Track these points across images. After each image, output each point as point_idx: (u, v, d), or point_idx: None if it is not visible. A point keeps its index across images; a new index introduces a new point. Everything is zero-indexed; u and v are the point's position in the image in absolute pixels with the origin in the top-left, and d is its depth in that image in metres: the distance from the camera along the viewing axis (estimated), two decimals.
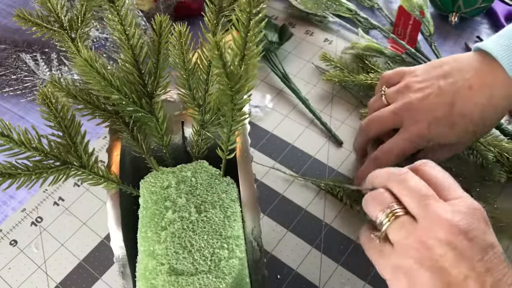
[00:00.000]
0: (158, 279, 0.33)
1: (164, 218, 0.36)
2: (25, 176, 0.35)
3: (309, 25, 0.76)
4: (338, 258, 0.53)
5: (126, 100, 0.37)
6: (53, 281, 0.53)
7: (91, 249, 0.55)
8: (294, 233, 0.55)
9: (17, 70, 0.72)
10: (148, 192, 0.38)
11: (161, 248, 0.34)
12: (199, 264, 0.34)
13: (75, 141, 0.36)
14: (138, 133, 0.40)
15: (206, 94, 0.40)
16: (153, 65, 0.39)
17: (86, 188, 0.60)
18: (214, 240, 0.35)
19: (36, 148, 0.35)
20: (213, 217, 0.36)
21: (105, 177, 0.38)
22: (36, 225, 0.57)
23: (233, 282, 0.34)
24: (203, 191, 0.38)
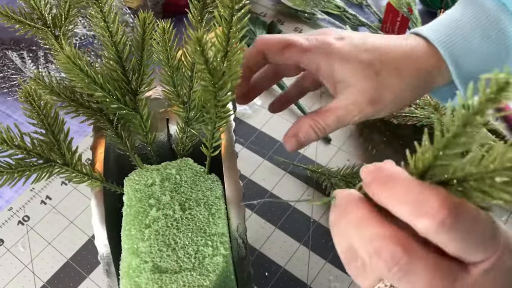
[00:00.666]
0: (142, 277, 0.33)
1: (148, 216, 0.36)
2: (8, 174, 0.35)
3: (298, 22, 0.76)
4: (326, 254, 0.53)
5: (110, 97, 0.37)
6: (40, 280, 0.53)
7: (78, 248, 0.55)
8: (282, 230, 0.55)
9: (3, 68, 0.71)
10: (132, 190, 0.38)
11: (145, 246, 0.34)
12: (183, 262, 0.34)
13: (58, 139, 0.36)
14: (123, 131, 0.40)
15: (190, 91, 0.39)
16: (137, 62, 0.39)
17: (73, 187, 0.60)
18: (199, 238, 0.35)
19: (19, 146, 0.35)
20: (197, 214, 0.36)
21: (89, 175, 0.38)
22: (23, 224, 0.57)
23: (218, 279, 0.34)
24: (188, 189, 0.38)
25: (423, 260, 0.24)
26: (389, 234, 0.24)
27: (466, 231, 0.23)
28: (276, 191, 0.58)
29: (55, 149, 0.36)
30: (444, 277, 0.24)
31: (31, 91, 0.35)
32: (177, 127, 0.41)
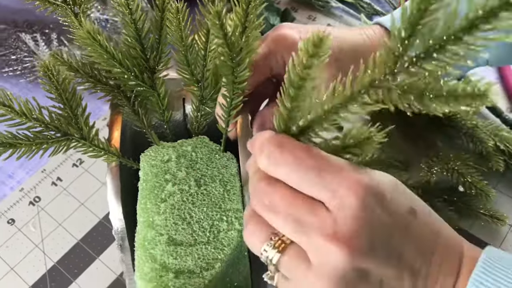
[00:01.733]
0: (157, 249, 0.33)
1: (164, 191, 0.36)
2: (26, 146, 0.35)
3: (312, 10, 0.76)
4: None
5: (128, 74, 0.38)
6: (50, 260, 0.53)
7: (89, 229, 0.55)
8: None
9: (16, 51, 0.72)
10: (149, 165, 0.38)
11: (161, 219, 0.35)
12: (198, 235, 0.34)
13: (76, 114, 0.36)
14: (140, 108, 0.40)
15: (204, 69, 0.40)
16: (156, 40, 0.39)
17: (84, 169, 0.60)
18: (214, 213, 0.35)
19: (37, 118, 0.35)
20: (212, 190, 0.36)
21: (105, 150, 0.38)
22: (34, 205, 0.57)
23: (232, 253, 0.34)
24: (203, 165, 0.38)
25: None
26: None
27: (295, 163, 0.27)
28: None
29: (73, 123, 0.36)
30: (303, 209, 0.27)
31: (50, 66, 0.35)
32: (192, 106, 0.41)
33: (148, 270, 0.33)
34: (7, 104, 0.35)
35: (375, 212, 0.27)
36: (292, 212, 0.27)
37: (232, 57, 0.31)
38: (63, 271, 0.52)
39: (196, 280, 0.33)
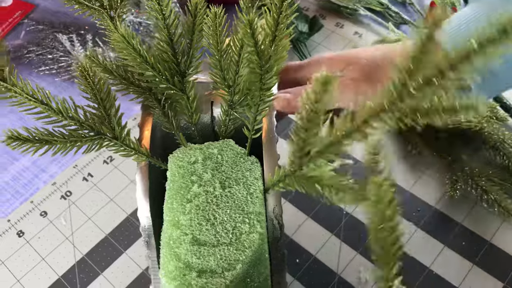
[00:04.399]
0: (181, 248, 0.35)
1: (189, 191, 0.37)
2: (61, 143, 0.37)
3: (340, 18, 0.77)
4: (357, 246, 0.54)
5: (160, 77, 0.39)
6: (79, 253, 0.55)
7: (117, 224, 0.57)
8: (315, 220, 0.56)
9: (53, 50, 0.74)
10: (176, 166, 0.39)
11: (186, 219, 0.36)
12: (221, 236, 0.35)
13: (109, 114, 0.38)
14: (169, 110, 0.41)
15: (236, 76, 0.40)
16: (187, 45, 0.40)
17: (114, 166, 0.62)
18: (237, 215, 0.36)
19: (73, 117, 0.37)
20: (236, 193, 0.37)
21: (136, 150, 0.40)
22: (65, 199, 0.59)
23: (253, 255, 0.35)
24: (228, 168, 0.39)
25: None
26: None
27: None
28: None
29: (106, 123, 0.38)
30: None
31: (87, 67, 0.36)
32: (221, 110, 0.42)
33: (172, 268, 0.34)
34: (45, 102, 0.36)
35: None
36: None
37: (261, 64, 0.33)
38: (91, 264, 0.54)
39: (218, 280, 0.34)
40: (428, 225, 0.55)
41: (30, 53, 0.75)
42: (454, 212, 0.56)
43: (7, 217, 0.58)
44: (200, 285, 0.33)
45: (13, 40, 0.78)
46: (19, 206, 0.59)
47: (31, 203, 0.59)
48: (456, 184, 0.56)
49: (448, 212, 0.56)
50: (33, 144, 0.36)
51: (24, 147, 0.36)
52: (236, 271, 0.34)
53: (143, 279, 0.53)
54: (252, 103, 0.37)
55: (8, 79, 0.37)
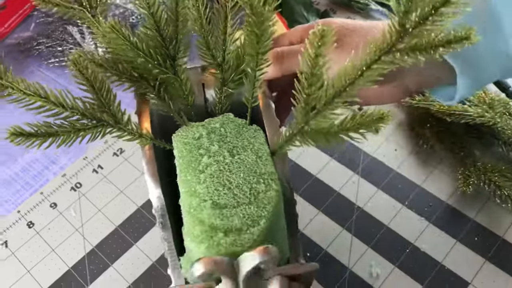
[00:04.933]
0: (203, 213, 0.35)
1: (200, 163, 0.38)
2: (64, 134, 0.37)
3: (350, 12, 0.76)
4: (368, 241, 0.54)
5: (152, 62, 0.40)
6: (89, 244, 0.55)
7: (127, 216, 0.57)
8: (326, 214, 0.56)
9: (63, 42, 0.74)
10: (182, 144, 0.40)
11: (202, 188, 0.37)
12: (239, 198, 0.36)
13: (108, 102, 0.38)
14: (165, 94, 0.42)
15: (225, 53, 0.42)
16: (173, 30, 0.41)
17: (124, 158, 0.62)
18: (250, 177, 0.37)
19: (73, 108, 0.37)
20: (246, 158, 0.39)
21: (138, 133, 0.40)
22: (75, 190, 0.59)
23: (273, 211, 0.36)
24: (233, 138, 0.40)
25: None
26: None
27: None
28: (321, 176, 0.59)
29: (106, 110, 0.39)
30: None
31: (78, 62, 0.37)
32: (215, 89, 0.44)
33: (198, 232, 0.34)
34: (43, 96, 0.36)
35: None
36: None
37: (258, 26, 0.34)
38: (101, 255, 0.54)
39: (245, 236, 0.34)
40: (440, 220, 0.55)
41: (40, 45, 0.75)
42: (467, 207, 0.56)
43: (17, 208, 0.58)
44: (228, 243, 0.34)
45: (22, 32, 0.78)
46: (29, 197, 0.59)
47: (41, 194, 0.59)
48: (468, 179, 0.56)
49: (460, 208, 0.56)
50: (36, 138, 0.37)
51: (28, 142, 0.37)
52: (261, 226, 0.35)
53: (153, 271, 0.53)
54: (250, 70, 0.38)
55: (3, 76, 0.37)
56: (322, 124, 0.34)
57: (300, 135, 0.36)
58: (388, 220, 0.55)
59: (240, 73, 0.43)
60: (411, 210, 0.56)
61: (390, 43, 0.30)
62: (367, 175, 0.59)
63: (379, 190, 0.57)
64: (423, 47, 0.29)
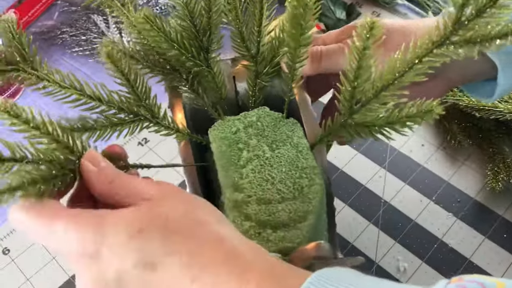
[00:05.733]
0: (249, 208, 0.35)
1: (241, 158, 0.38)
2: (102, 129, 0.37)
3: (376, 6, 0.76)
4: (395, 235, 0.53)
5: (186, 54, 0.39)
6: None
7: None
8: (352, 208, 0.55)
9: (87, 32, 0.74)
10: (219, 138, 0.39)
11: (245, 183, 0.36)
12: (283, 193, 0.36)
13: (144, 95, 0.37)
14: (199, 87, 0.41)
15: (259, 44, 0.41)
16: (207, 20, 0.40)
17: (149, 148, 0.62)
18: (293, 172, 0.37)
19: (109, 101, 0.36)
20: (286, 152, 0.38)
21: (176, 128, 0.40)
22: None
23: (318, 205, 0.36)
24: (271, 132, 0.39)
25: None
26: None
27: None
28: (347, 169, 0.58)
29: (143, 104, 0.37)
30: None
31: (111, 54, 0.35)
32: (248, 82, 0.43)
33: (247, 228, 0.34)
34: (79, 89, 0.35)
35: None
36: None
37: (303, 17, 0.33)
38: None
39: (294, 232, 0.34)
40: (468, 217, 0.54)
41: (63, 34, 0.75)
42: (495, 204, 0.55)
43: None
44: (278, 239, 0.34)
45: (46, 21, 0.78)
46: None
47: None
48: (498, 176, 0.55)
49: (488, 204, 0.55)
50: (74, 132, 0.35)
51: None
52: (308, 222, 0.35)
53: None
54: (290, 59, 0.37)
55: (38, 67, 0.36)
56: (367, 117, 0.33)
57: (343, 128, 0.36)
58: (415, 215, 0.55)
59: (275, 65, 0.42)
60: (438, 206, 0.55)
61: (444, 36, 0.30)
62: (394, 169, 0.58)
63: (406, 185, 0.57)
64: (478, 39, 0.29)
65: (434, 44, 0.30)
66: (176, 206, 0.28)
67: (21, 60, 0.35)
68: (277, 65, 0.42)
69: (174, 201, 0.28)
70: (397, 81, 0.32)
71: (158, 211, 0.27)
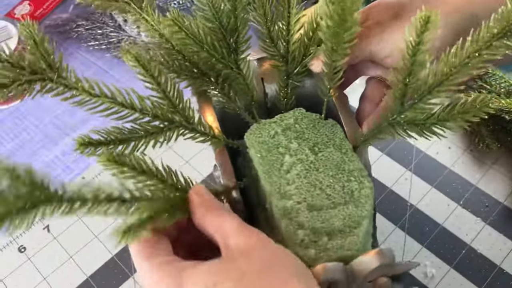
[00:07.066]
0: (301, 216, 0.33)
1: (284, 163, 0.36)
2: (137, 140, 0.34)
3: None
4: (422, 240, 0.52)
5: (217, 56, 0.38)
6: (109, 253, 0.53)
7: None
8: (378, 212, 0.54)
9: (103, 25, 0.73)
10: (258, 143, 0.38)
11: (292, 189, 0.35)
12: (334, 198, 0.34)
13: (177, 100, 0.35)
14: (229, 90, 0.40)
15: (288, 43, 0.40)
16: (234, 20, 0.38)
17: (169, 146, 0.60)
18: (340, 175, 0.35)
19: (143, 109, 0.34)
20: (330, 155, 0.36)
21: (211, 134, 0.38)
22: None
23: (370, 209, 0.34)
24: (311, 135, 0.38)
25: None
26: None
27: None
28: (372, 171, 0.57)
29: (179, 110, 0.36)
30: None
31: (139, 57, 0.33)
32: (279, 82, 0.41)
33: (302, 237, 0.32)
34: (110, 96, 0.33)
35: None
36: None
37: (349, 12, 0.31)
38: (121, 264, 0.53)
39: (351, 238, 0.33)
40: (497, 222, 0.53)
41: (79, 27, 0.74)
42: None
43: None
44: (336, 248, 0.32)
45: (61, 14, 0.76)
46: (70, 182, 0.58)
47: (83, 178, 0.58)
48: None
49: None
50: (107, 146, 0.33)
51: (99, 150, 0.33)
52: (363, 227, 0.33)
53: None
54: (331, 54, 0.35)
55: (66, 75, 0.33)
56: (417, 115, 0.32)
57: (392, 127, 0.34)
58: (442, 219, 0.53)
59: (306, 65, 0.41)
60: (466, 210, 0.54)
61: (505, 27, 0.28)
62: (420, 172, 0.57)
63: (432, 188, 0.55)
64: None
65: (495, 37, 0.29)
66: (255, 262, 0.28)
67: (46, 68, 0.33)
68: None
69: (254, 256, 0.29)
70: (452, 77, 0.30)
71: (236, 266, 0.28)
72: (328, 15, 0.32)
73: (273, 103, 0.44)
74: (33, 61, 0.33)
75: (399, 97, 0.32)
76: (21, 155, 0.61)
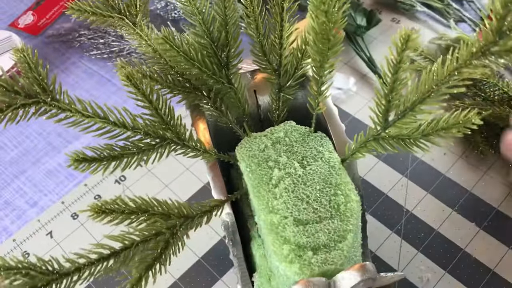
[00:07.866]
0: (287, 231, 0.34)
1: (272, 177, 0.37)
2: (129, 156, 0.36)
3: (396, 13, 0.75)
4: (418, 245, 0.53)
5: (207, 72, 0.38)
6: None
7: None
8: (374, 217, 0.55)
9: (105, 35, 0.74)
10: (248, 157, 0.38)
11: (280, 203, 0.35)
12: (320, 212, 0.35)
13: (169, 117, 0.36)
14: (221, 104, 0.40)
15: (281, 57, 0.41)
16: (225, 35, 0.39)
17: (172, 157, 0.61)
18: (327, 189, 0.36)
19: (134, 127, 0.35)
20: (318, 169, 0.37)
21: (203, 149, 0.39)
22: (119, 183, 0.59)
23: (356, 223, 0.35)
24: (300, 148, 0.39)
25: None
26: None
27: None
28: (368, 177, 0.58)
29: (170, 127, 0.37)
30: None
31: (131, 75, 0.34)
32: (271, 95, 0.42)
33: (286, 252, 0.33)
34: (103, 117, 0.35)
35: None
36: None
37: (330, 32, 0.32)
38: None
39: (335, 253, 0.33)
40: (491, 227, 0.54)
41: (81, 37, 0.75)
42: None
43: (61, 198, 0.58)
44: (320, 262, 0.33)
45: (64, 23, 0.78)
46: (73, 188, 0.59)
47: (85, 186, 0.59)
48: None
49: None
50: (100, 163, 0.35)
51: (92, 167, 0.35)
52: (348, 241, 0.34)
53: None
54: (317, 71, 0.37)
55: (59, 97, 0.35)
56: (402, 130, 0.33)
57: (376, 142, 0.35)
58: (437, 224, 0.54)
59: (298, 78, 0.41)
60: (461, 215, 0.55)
61: (483, 47, 0.29)
62: (416, 178, 0.58)
63: (428, 194, 0.56)
64: None
65: (474, 56, 0.30)
66: None
67: (40, 91, 0.34)
68: (300, 78, 0.41)
69: None
70: (434, 93, 0.31)
71: None
72: (312, 32, 0.34)
73: (266, 114, 0.45)
74: (28, 85, 0.34)
75: (383, 113, 0.33)
76: (24, 162, 0.62)
